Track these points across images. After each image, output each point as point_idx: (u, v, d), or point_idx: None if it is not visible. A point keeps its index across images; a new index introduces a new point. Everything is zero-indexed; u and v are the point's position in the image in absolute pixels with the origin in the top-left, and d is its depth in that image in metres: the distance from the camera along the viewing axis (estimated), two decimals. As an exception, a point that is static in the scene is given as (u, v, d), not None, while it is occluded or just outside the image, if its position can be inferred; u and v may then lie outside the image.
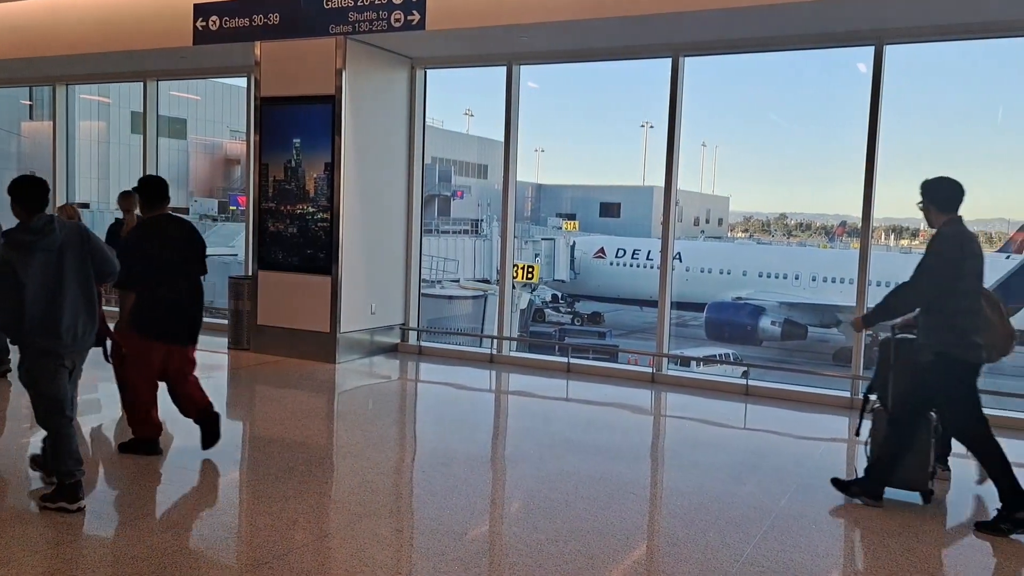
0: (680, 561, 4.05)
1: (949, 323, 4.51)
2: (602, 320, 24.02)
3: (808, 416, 7.18)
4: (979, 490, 5.20)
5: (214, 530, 4.25)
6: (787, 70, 28.67)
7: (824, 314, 20.66)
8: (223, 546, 4.09)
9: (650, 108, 23.07)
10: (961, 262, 4.51)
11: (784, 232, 26.71)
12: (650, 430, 7.00)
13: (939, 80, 23.47)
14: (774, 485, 5.24)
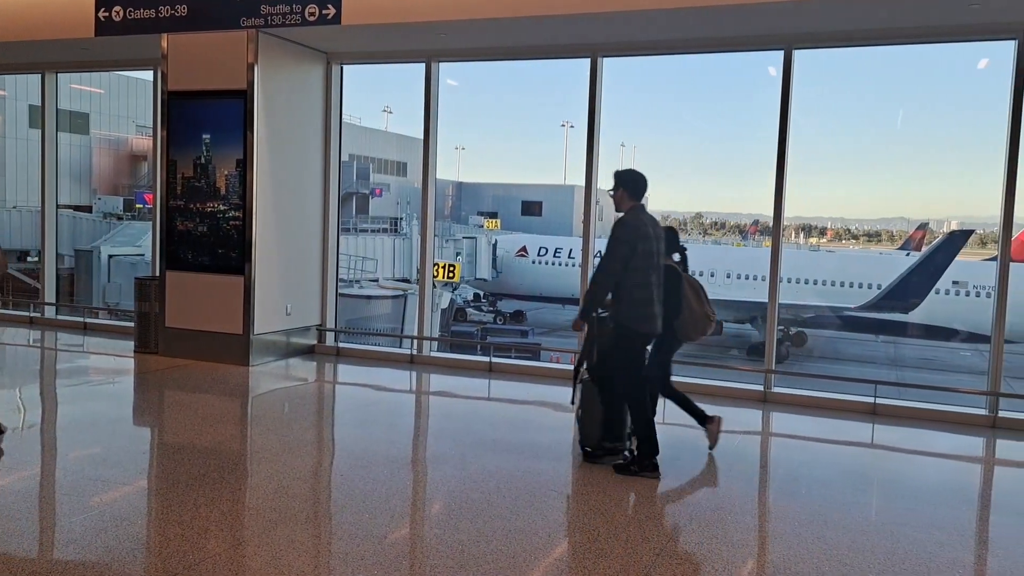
0: (601, 557, 4.07)
1: (628, 298, 5.19)
2: (524, 319, 24.14)
3: (724, 409, 7.30)
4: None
5: (120, 542, 4.05)
6: (702, 72, 29.47)
7: (739, 310, 21.27)
8: (130, 558, 3.89)
9: (570, 107, 23.30)
10: (635, 244, 5.14)
11: (700, 231, 27.42)
12: (571, 427, 7.02)
13: (845, 85, 24.49)
14: (692, 478, 5.35)
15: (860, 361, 21.37)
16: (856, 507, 4.93)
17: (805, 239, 25.66)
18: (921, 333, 20.55)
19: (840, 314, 20.71)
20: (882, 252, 25.70)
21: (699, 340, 5.92)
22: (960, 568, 4.14)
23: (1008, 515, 5.04)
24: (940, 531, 4.56)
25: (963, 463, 6.35)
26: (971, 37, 7.19)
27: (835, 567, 4.02)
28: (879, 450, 6.52)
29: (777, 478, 5.61)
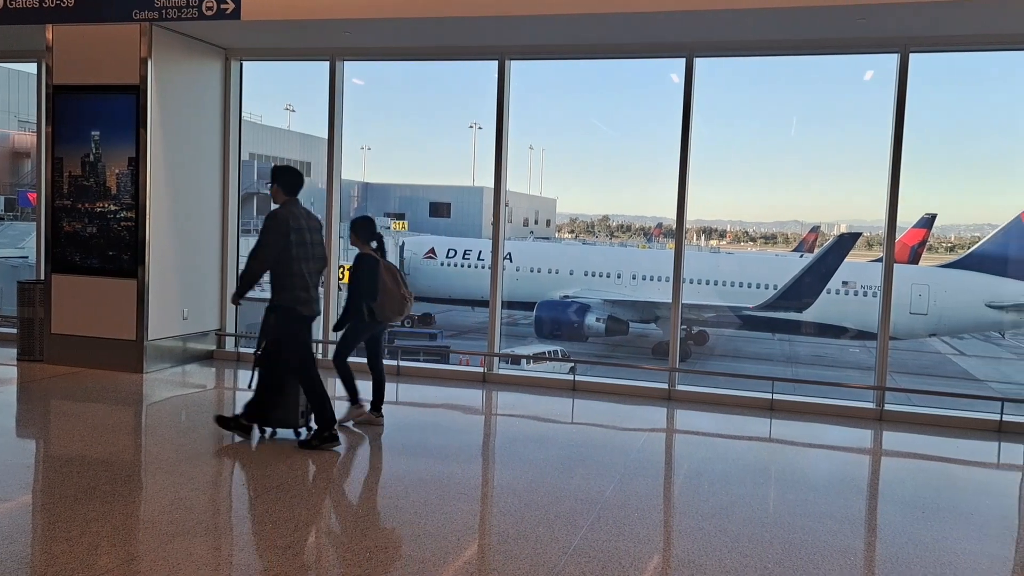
0: (510, 559, 4.06)
1: (284, 283, 5.61)
2: (433, 321, 23.96)
3: (630, 408, 7.49)
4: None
5: (1, 562, 3.78)
6: (609, 77, 29.95)
7: (644, 310, 21.74)
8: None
9: (479, 109, 23.30)
10: (288, 234, 5.54)
11: (607, 233, 27.89)
12: (481, 429, 7.02)
13: (744, 92, 25.39)
14: (600, 476, 5.41)
15: (758, 359, 22.18)
16: (756, 500, 5.10)
17: (706, 241, 26.46)
18: (814, 331, 21.46)
19: (739, 313, 21.42)
20: (778, 254, 26.75)
21: (398, 320, 6.50)
22: (851, 555, 4.33)
23: (894, 503, 5.31)
24: (832, 520, 4.76)
25: (853, 455, 6.66)
26: (859, 50, 7.55)
27: (736, 559, 4.14)
28: (776, 444, 6.77)
29: (681, 474, 5.75)
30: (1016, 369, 17.06)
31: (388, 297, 6.20)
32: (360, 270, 6.19)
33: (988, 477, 6.21)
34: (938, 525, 4.77)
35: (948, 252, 23.71)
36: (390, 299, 6.21)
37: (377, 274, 6.17)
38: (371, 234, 6.35)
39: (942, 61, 7.35)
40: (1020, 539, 4.85)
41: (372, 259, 6.24)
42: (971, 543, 4.51)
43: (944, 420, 7.28)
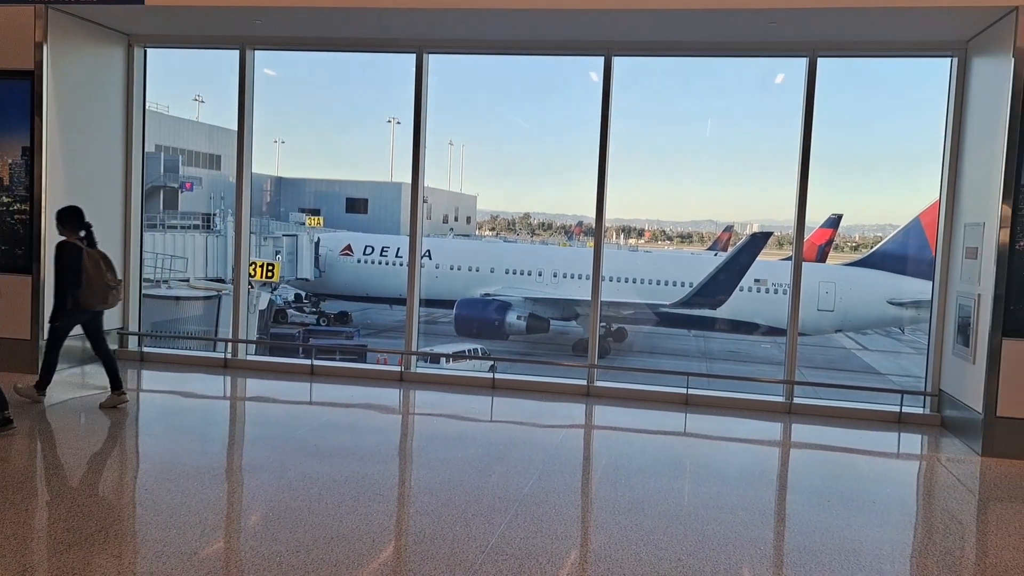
0: (427, 559, 3.99)
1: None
2: (350, 320, 23.58)
3: (550, 405, 7.50)
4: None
5: None
6: (530, 74, 30.06)
7: (564, 308, 21.92)
8: None
9: (399, 103, 22.99)
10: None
11: (528, 231, 28.01)
12: (398, 429, 6.90)
13: (661, 92, 25.90)
14: (519, 474, 5.38)
15: (675, 355, 22.67)
16: (671, 493, 5.16)
17: (625, 240, 26.90)
18: (728, 327, 22.07)
19: (656, 310, 21.84)
20: (693, 252, 27.40)
21: (104, 308, 6.57)
22: (761, 544, 4.42)
23: (802, 493, 5.47)
24: (744, 511, 4.86)
25: (764, 447, 6.83)
26: (770, 53, 7.75)
27: (651, 551, 4.17)
28: (691, 438, 6.89)
29: (599, 469, 5.77)
30: (914, 363, 17.89)
31: (91, 285, 6.30)
32: (62, 259, 6.23)
33: (889, 466, 6.47)
34: (843, 513, 4.93)
35: (853, 251, 24.74)
36: (93, 287, 6.32)
37: (80, 263, 6.24)
38: (79, 223, 6.39)
39: (849, 66, 7.61)
40: (918, 525, 5.06)
41: (74, 247, 6.28)
42: (873, 530, 4.67)
43: (848, 412, 7.56)
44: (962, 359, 6.88)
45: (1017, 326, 6.31)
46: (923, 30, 6.96)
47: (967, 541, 4.83)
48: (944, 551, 4.57)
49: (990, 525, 5.08)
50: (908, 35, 7.11)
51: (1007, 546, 4.55)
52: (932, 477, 6.11)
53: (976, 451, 6.43)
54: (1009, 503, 5.42)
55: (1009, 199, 6.25)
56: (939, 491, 5.78)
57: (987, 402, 6.36)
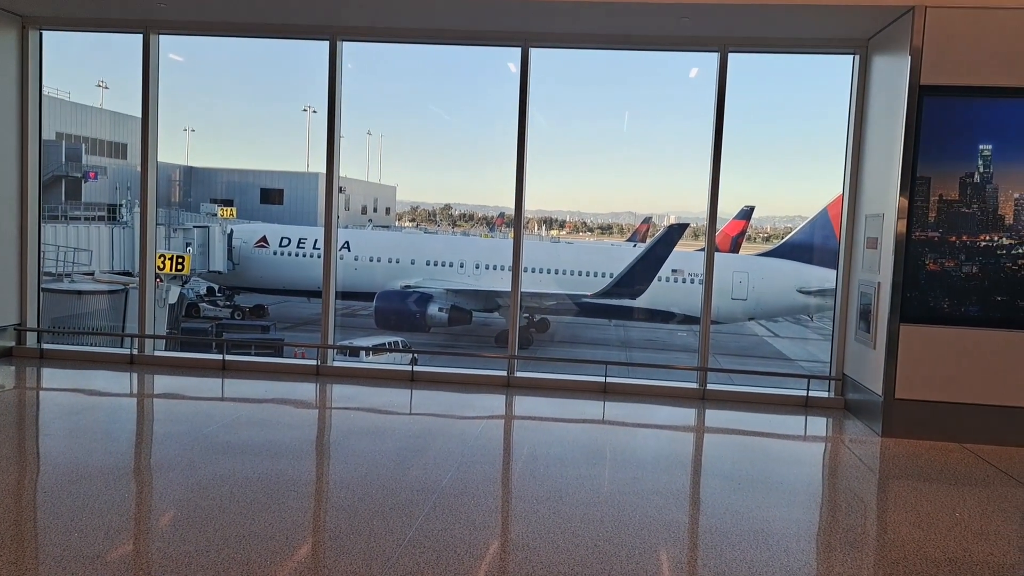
0: (343, 554, 3.92)
1: None
2: (267, 313, 23.03)
3: (470, 396, 7.49)
4: None
5: None
6: (449, 64, 29.83)
7: (487, 299, 21.95)
8: None
9: (315, 92, 22.53)
10: None
11: (449, 222, 27.89)
12: (314, 424, 6.77)
13: (581, 84, 26.12)
14: (438, 466, 5.35)
15: (596, 344, 23.01)
16: (589, 480, 5.22)
17: (547, 231, 27.09)
18: (646, 317, 22.51)
19: (578, 301, 22.10)
20: (613, 244, 27.82)
21: None
22: (675, 527, 4.52)
23: (715, 477, 5.61)
24: (659, 496, 4.96)
25: (679, 433, 6.99)
26: (684, 47, 7.88)
27: (568, 539, 4.21)
28: (609, 425, 6.99)
29: (518, 459, 5.79)
30: (821, 349, 18.63)
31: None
32: None
33: (796, 449, 6.71)
34: (753, 495, 5.08)
35: (765, 242, 25.57)
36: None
37: None
38: None
39: (761, 61, 7.82)
40: (823, 504, 5.27)
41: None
42: (781, 510, 4.84)
43: (758, 397, 7.80)
44: (864, 344, 7.19)
45: (914, 312, 6.62)
46: (826, 28, 7.22)
47: (868, 518, 5.04)
48: (847, 528, 4.77)
49: (889, 502, 5.33)
50: (812, 32, 7.36)
51: (904, 521, 4.77)
52: (836, 458, 6.36)
53: (877, 432, 6.73)
54: (906, 481, 5.69)
55: (906, 191, 6.54)
56: (842, 471, 6.03)
57: (886, 385, 6.67)
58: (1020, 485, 5.56)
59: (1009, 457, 6.18)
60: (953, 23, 6.37)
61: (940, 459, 6.09)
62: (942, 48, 6.40)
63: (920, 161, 6.52)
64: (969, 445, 6.46)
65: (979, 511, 4.96)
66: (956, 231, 6.55)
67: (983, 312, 6.54)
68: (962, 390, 6.55)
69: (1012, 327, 6.49)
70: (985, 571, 4.06)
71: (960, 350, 6.55)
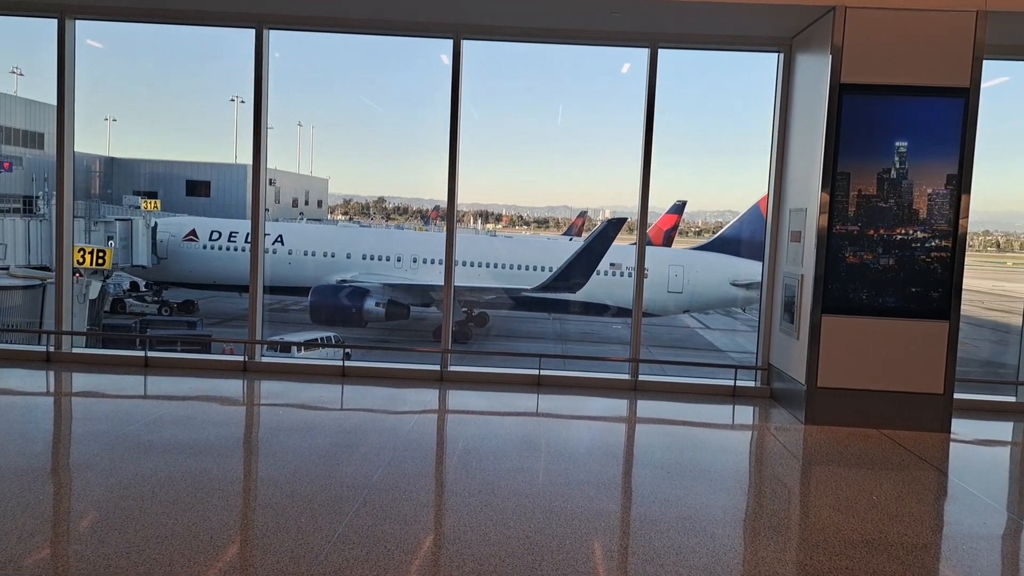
0: (269, 552, 3.85)
1: None
2: (196, 309, 22.41)
3: (403, 391, 7.43)
4: None
5: None
6: (381, 54, 29.37)
7: (424, 294, 21.80)
8: None
9: (241, 81, 21.92)
10: None
11: (383, 215, 27.57)
12: (241, 421, 6.62)
13: (516, 78, 26.14)
14: (368, 461, 5.30)
15: (534, 338, 23.11)
16: (522, 472, 5.24)
17: (483, 225, 27.07)
18: (585, 310, 22.69)
19: (518, 295, 22.14)
20: (549, 238, 27.97)
21: None
22: (606, 517, 4.57)
23: (645, 467, 5.70)
24: (591, 486, 5.01)
25: (611, 423, 7.07)
26: (615, 42, 7.95)
27: (500, 531, 4.22)
28: (543, 418, 7.03)
29: (451, 453, 5.78)
30: (750, 340, 19.13)
31: None
32: None
33: (724, 437, 6.86)
34: (681, 483, 5.18)
35: (697, 236, 26.06)
36: None
37: None
38: None
39: (692, 58, 7.95)
40: (750, 491, 5.40)
41: None
42: (708, 497, 4.94)
43: (688, 387, 7.96)
44: (788, 335, 7.39)
45: (834, 304, 6.84)
46: (752, 26, 7.38)
47: (791, 503, 5.19)
48: (771, 513, 4.91)
49: (811, 487, 5.49)
50: (739, 30, 7.52)
51: (825, 505, 4.93)
52: (762, 445, 6.53)
53: (800, 420, 6.93)
54: (828, 466, 5.88)
55: (827, 187, 6.74)
56: (768, 458, 6.20)
57: (809, 374, 6.87)
58: (932, 468, 5.81)
59: (923, 441, 6.45)
60: (871, 24, 6.59)
61: (859, 445, 6.31)
62: (861, 48, 6.61)
63: (840, 157, 6.73)
64: (886, 431, 6.72)
65: (894, 494, 5.16)
66: (874, 225, 6.78)
67: (899, 303, 6.80)
68: (879, 378, 6.80)
69: (925, 317, 6.76)
70: (899, 551, 4.23)
71: (878, 340, 6.79)
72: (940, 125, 6.66)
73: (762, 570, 3.94)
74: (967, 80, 6.55)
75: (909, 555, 4.19)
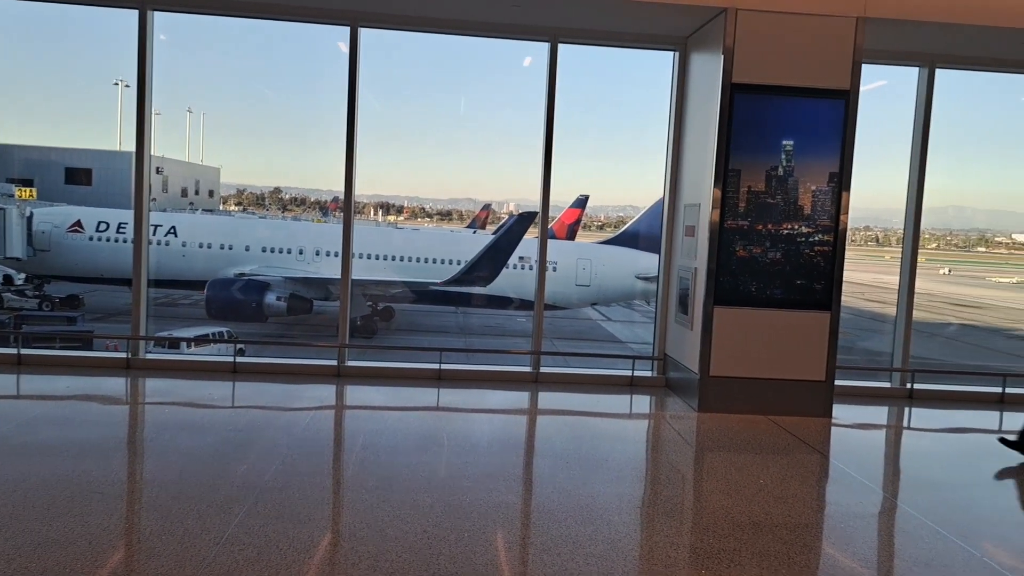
0: (152, 556, 3.68)
1: None
2: (81, 304, 21.25)
3: (298, 387, 7.25)
4: None
5: None
6: (276, 41, 28.41)
7: (327, 288, 21.35)
8: None
9: (124, 64, 20.90)
10: None
11: (279, 206, 26.78)
12: (125, 421, 6.30)
13: (418, 68, 25.83)
14: (261, 460, 5.14)
15: (442, 332, 22.99)
16: (421, 467, 5.19)
17: (384, 217, 26.68)
18: (496, 304, 22.72)
19: (427, 289, 21.96)
20: (453, 230, 27.85)
21: None
22: (505, 508, 4.58)
23: (545, 457, 5.75)
24: (490, 479, 5.01)
25: (512, 416, 7.10)
26: (516, 35, 7.96)
27: (397, 527, 4.17)
28: (443, 412, 6.99)
29: (349, 450, 5.67)
30: (647, 331, 19.66)
31: None
32: None
33: (622, 426, 7.01)
34: (580, 473, 5.25)
35: (599, 230, 26.50)
36: None
37: None
38: None
39: (595, 54, 8.04)
40: (646, 478, 5.53)
41: None
42: (605, 486, 5.03)
43: (588, 378, 8.09)
44: (683, 326, 7.61)
45: (726, 296, 7.08)
46: (649, 24, 7.53)
47: (685, 489, 5.35)
48: (666, 499, 5.04)
49: (703, 473, 5.67)
50: (637, 28, 7.66)
51: (716, 490, 5.10)
52: (658, 433, 6.70)
53: (694, 408, 7.15)
54: (719, 452, 6.08)
55: (719, 183, 6.96)
56: (663, 446, 6.36)
57: (702, 364, 7.09)
58: (815, 451, 6.10)
59: (807, 426, 6.76)
60: (761, 26, 6.83)
61: (748, 431, 6.56)
62: (751, 49, 6.85)
63: (732, 155, 6.96)
64: (773, 417, 7.01)
65: (780, 477, 5.39)
66: (763, 220, 7.05)
67: (785, 294, 7.09)
68: (767, 366, 7.08)
69: (809, 308, 7.08)
70: (783, 531, 4.41)
71: (765, 330, 7.07)
72: (823, 125, 6.98)
73: (656, 555, 4.03)
74: (848, 83, 6.88)
75: (792, 535, 4.38)
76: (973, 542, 4.40)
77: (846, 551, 4.22)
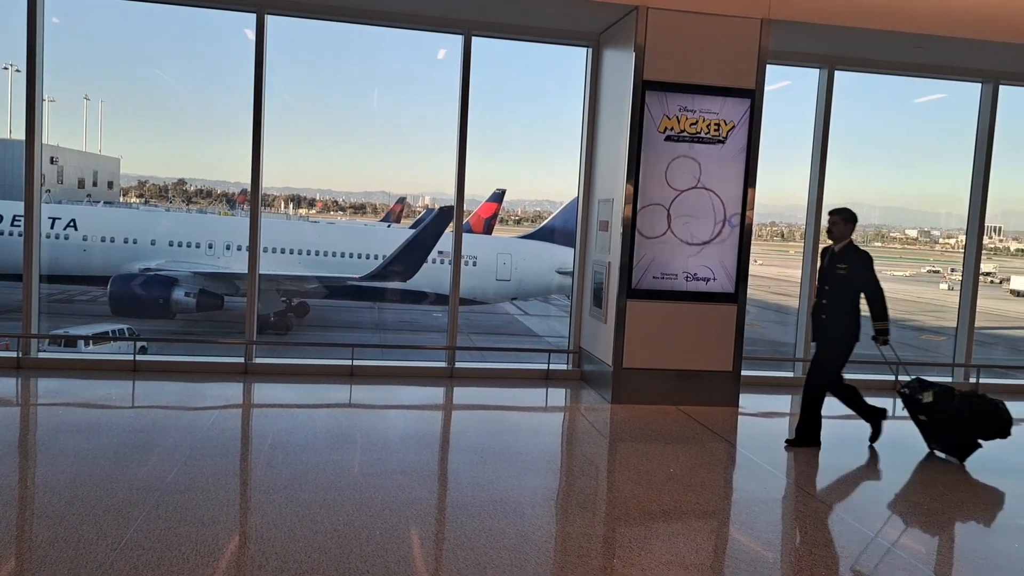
0: (44, 565, 3.47)
1: None
2: (-28, 301, 20.00)
3: (202, 386, 7.00)
4: None
5: None
6: (178, 27, 27.27)
7: (238, 283, 20.71)
8: None
9: (15, 47, 19.78)
10: None
11: (184, 198, 25.79)
12: (15, 423, 5.95)
13: (329, 58, 25.26)
14: (161, 461, 4.94)
15: (359, 328, 22.61)
16: (332, 465, 5.08)
17: (295, 210, 26.04)
18: (406, 299, 22.49)
19: (345, 284, 21.55)
20: (367, 224, 27.43)
21: None
22: (418, 504, 4.53)
23: (460, 452, 5.72)
24: (403, 475, 4.95)
25: (427, 411, 7.04)
26: (429, 27, 7.86)
27: (307, 526, 4.07)
28: (355, 408, 6.88)
29: (256, 449, 5.51)
30: (563, 324, 19.87)
31: None
32: None
33: (537, 419, 7.05)
34: (494, 466, 5.24)
35: (516, 224, 26.58)
36: None
37: None
38: None
39: (511, 49, 8.02)
40: (560, 470, 5.57)
41: None
42: (519, 478, 5.04)
43: (504, 373, 8.10)
44: (597, 319, 7.70)
45: (638, 289, 7.20)
46: (562, 19, 7.58)
47: (598, 479, 5.41)
48: (579, 490, 5.09)
49: (616, 463, 5.75)
50: (550, 23, 7.70)
51: (628, 480, 5.18)
52: (573, 425, 6.77)
53: (607, 399, 7.25)
54: (631, 443, 6.19)
55: (632, 179, 7.07)
56: (578, 437, 6.42)
57: (615, 356, 7.20)
58: (722, 440, 6.27)
59: (715, 416, 6.95)
60: (671, 25, 6.96)
61: (659, 421, 6.70)
62: (661, 47, 6.97)
63: (643, 150, 7.07)
64: (683, 407, 7.17)
65: (689, 465, 5.52)
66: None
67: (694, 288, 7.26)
68: (677, 358, 7.24)
69: (717, 301, 7.27)
70: (692, 518, 4.52)
71: (676, 322, 7.22)
72: (730, 122, 7.17)
73: (569, 546, 4.06)
74: (753, 82, 7.09)
75: (700, 521, 4.49)
76: (868, 524, 4.60)
77: (751, 535, 4.35)
